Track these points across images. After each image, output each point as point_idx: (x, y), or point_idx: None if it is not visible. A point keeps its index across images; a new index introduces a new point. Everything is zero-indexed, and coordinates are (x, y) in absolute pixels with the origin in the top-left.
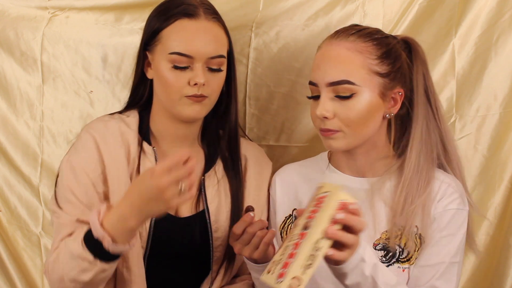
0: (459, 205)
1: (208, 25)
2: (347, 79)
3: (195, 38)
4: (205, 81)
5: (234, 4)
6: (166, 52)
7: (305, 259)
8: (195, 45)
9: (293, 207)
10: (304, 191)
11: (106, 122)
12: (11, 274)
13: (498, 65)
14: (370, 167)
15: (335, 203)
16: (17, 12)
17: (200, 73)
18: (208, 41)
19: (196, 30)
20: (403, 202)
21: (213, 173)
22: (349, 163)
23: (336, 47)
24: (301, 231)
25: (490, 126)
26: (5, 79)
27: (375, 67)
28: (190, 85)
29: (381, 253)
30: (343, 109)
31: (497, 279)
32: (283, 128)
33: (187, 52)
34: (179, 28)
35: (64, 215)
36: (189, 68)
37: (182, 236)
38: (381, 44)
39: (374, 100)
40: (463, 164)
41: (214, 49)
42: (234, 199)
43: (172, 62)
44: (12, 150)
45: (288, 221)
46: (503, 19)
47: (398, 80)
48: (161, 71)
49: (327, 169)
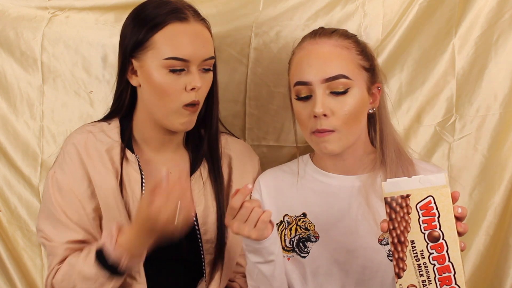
0: None
1: (198, 27)
2: (342, 73)
3: (190, 42)
4: (201, 84)
5: (234, 4)
6: (160, 58)
7: (461, 265)
8: (190, 48)
9: (283, 213)
10: (292, 194)
11: (88, 133)
12: (11, 274)
13: (498, 65)
14: (359, 165)
15: (451, 201)
16: (17, 12)
17: (197, 77)
18: (201, 43)
19: (190, 33)
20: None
21: (199, 175)
22: (337, 163)
23: (324, 45)
24: (428, 245)
25: (490, 126)
26: (5, 79)
27: (360, 61)
28: (187, 91)
29: (388, 247)
30: (339, 105)
31: (497, 279)
32: (283, 128)
33: (184, 56)
34: (173, 32)
35: (56, 238)
36: (185, 71)
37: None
38: (357, 41)
39: (364, 94)
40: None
41: (207, 51)
42: (217, 200)
43: (168, 67)
44: (12, 150)
45: (281, 227)
46: (503, 19)
47: (377, 75)
48: (155, 78)
49: (312, 171)
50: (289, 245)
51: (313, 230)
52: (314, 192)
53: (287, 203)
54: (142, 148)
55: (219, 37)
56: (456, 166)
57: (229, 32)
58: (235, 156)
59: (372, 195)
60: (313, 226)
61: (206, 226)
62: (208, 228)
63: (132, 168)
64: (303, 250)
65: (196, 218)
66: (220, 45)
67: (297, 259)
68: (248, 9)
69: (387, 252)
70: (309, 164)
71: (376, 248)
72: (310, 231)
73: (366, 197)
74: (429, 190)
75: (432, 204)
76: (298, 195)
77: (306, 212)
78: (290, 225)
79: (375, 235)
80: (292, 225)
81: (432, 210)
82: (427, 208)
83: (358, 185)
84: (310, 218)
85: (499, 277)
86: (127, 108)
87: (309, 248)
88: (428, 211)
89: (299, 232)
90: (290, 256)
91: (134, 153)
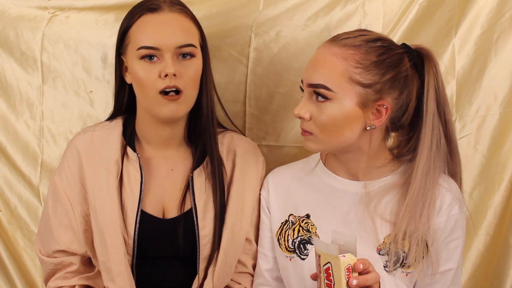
0: (460, 207)
1: (173, 16)
2: (323, 83)
3: (160, 30)
4: (175, 70)
5: (234, 4)
6: (134, 49)
7: None
8: (160, 36)
9: (288, 213)
10: (299, 194)
11: (90, 132)
12: (11, 274)
13: (498, 65)
14: (365, 172)
15: (343, 273)
16: (17, 12)
17: (170, 63)
18: (173, 31)
19: (160, 22)
20: (407, 207)
21: (202, 170)
22: (342, 165)
23: (324, 50)
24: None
25: (490, 126)
26: (5, 79)
27: (356, 76)
28: (161, 78)
29: (385, 258)
30: (318, 112)
31: (497, 279)
32: (283, 128)
33: (153, 44)
34: (144, 23)
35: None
36: (159, 60)
37: (168, 237)
38: (374, 53)
39: (351, 109)
40: (463, 164)
41: (182, 38)
42: (214, 195)
43: (141, 57)
44: (12, 150)
45: (285, 227)
46: (503, 19)
47: (386, 92)
48: (134, 70)
49: (322, 172)
50: (291, 246)
51: (315, 233)
52: (320, 193)
53: (293, 203)
54: (144, 146)
55: (219, 37)
56: None
57: (229, 32)
58: (240, 154)
59: (376, 205)
60: (315, 228)
61: (205, 222)
62: (207, 224)
63: (133, 167)
64: (303, 252)
65: (196, 212)
66: (220, 45)
67: (297, 261)
68: (248, 9)
69: (384, 263)
70: (320, 164)
71: (373, 257)
72: (311, 233)
73: (367, 205)
74: (329, 257)
75: (330, 271)
76: (304, 196)
77: (310, 214)
78: (294, 225)
79: (374, 245)
80: (295, 225)
81: (330, 276)
82: (327, 272)
83: (361, 192)
84: (313, 220)
85: (499, 277)
86: (127, 106)
87: (308, 251)
88: (328, 276)
89: (301, 234)
90: (291, 257)
91: (135, 151)
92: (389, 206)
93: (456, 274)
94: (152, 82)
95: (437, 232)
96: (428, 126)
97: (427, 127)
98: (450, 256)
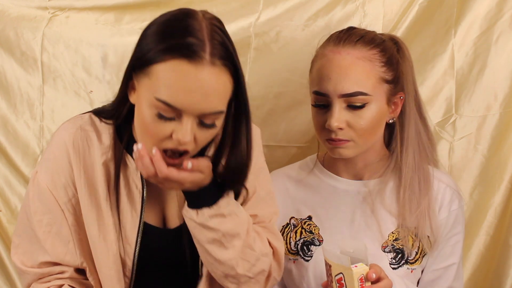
0: (460, 202)
1: (211, 74)
2: (360, 90)
3: (190, 91)
4: (191, 139)
5: (234, 4)
6: (152, 94)
7: None
8: (188, 98)
9: (289, 216)
10: (299, 196)
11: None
12: (11, 274)
13: (498, 65)
14: (367, 170)
15: (356, 283)
16: (17, 12)
17: (187, 131)
18: (205, 96)
19: (194, 80)
20: (408, 202)
21: None
22: (348, 166)
23: (346, 56)
24: None
25: (490, 126)
26: (5, 79)
27: (383, 74)
28: (171, 138)
29: (391, 255)
30: (355, 119)
31: (497, 279)
32: (283, 128)
33: (176, 104)
34: (175, 71)
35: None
36: (176, 119)
37: (172, 247)
38: (384, 50)
39: (382, 107)
40: (463, 164)
41: (211, 105)
42: None
43: (157, 109)
44: (12, 150)
45: (287, 229)
46: (503, 19)
47: (401, 84)
48: (142, 111)
49: (321, 173)
50: (294, 248)
51: (318, 234)
52: (321, 195)
53: (293, 206)
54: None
55: None
56: (456, 166)
57: (229, 32)
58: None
59: (378, 202)
60: (317, 229)
61: None
62: None
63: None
64: (307, 253)
65: None
66: None
67: (301, 263)
68: (248, 9)
69: (389, 260)
70: (318, 166)
71: (379, 255)
72: (314, 234)
73: (371, 204)
74: (341, 268)
75: (343, 281)
76: (305, 198)
77: (312, 215)
78: (296, 228)
79: (379, 242)
80: (297, 228)
81: (343, 286)
82: (340, 283)
83: (364, 191)
84: (315, 222)
85: (499, 277)
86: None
87: (312, 252)
88: (341, 286)
89: (304, 236)
90: (295, 259)
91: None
92: (392, 201)
93: (459, 268)
94: (157, 135)
95: (439, 228)
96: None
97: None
98: (452, 250)
